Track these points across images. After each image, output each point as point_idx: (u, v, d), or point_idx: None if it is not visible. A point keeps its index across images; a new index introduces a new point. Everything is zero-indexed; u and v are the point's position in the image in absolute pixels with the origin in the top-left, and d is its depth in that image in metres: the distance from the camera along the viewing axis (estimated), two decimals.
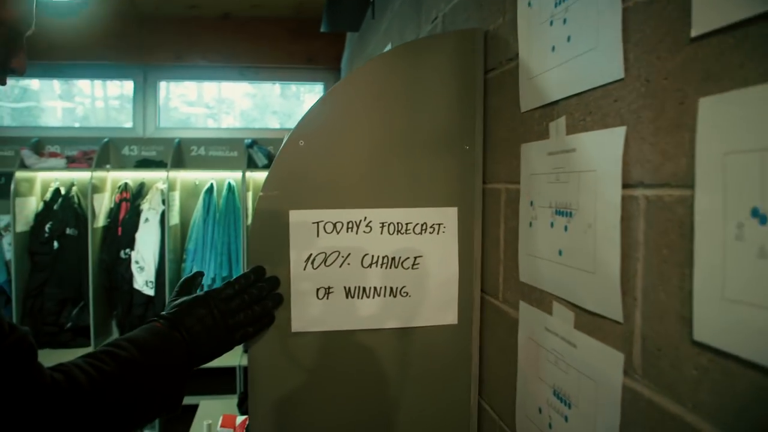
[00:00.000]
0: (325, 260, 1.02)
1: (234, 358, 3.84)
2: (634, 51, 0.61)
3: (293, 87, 5.21)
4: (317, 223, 1.01)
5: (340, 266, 1.02)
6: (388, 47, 2.26)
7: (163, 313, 0.91)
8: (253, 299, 0.95)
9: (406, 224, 1.04)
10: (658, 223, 0.57)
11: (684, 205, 0.53)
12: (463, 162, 1.06)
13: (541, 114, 0.84)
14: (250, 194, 4.19)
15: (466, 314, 1.07)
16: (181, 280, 1.04)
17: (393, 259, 1.04)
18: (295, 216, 1.00)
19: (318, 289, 1.02)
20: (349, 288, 1.03)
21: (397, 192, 1.04)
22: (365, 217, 1.03)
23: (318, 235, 1.01)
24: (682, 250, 0.53)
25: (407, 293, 1.05)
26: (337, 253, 1.02)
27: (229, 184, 4.23)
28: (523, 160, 0.90)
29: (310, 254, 1.01)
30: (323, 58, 4.79)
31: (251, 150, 4.22)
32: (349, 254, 1.02)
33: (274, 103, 5.31)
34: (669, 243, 0.55)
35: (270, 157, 4.33)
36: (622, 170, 0.62)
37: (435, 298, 1.06)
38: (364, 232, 1.03)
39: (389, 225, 1.04)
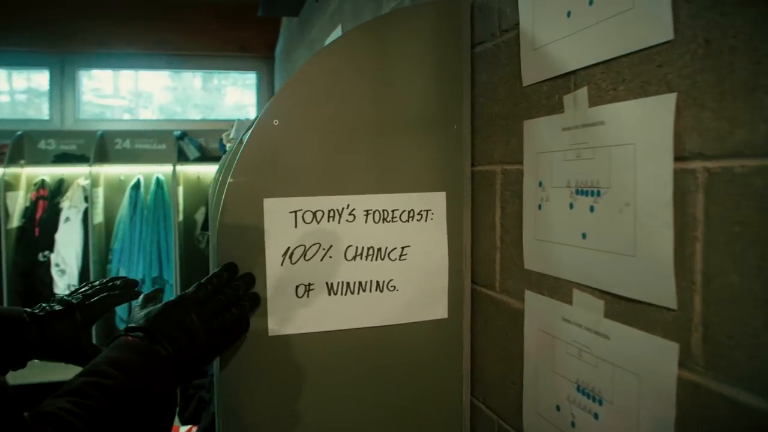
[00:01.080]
0: (304, 254, 0.90)
1: None
2: (687, 9, 0.55)
3: (215, 79, 4.92)
4: (295, 212, 0.90)
5: (321, 260, 0.91)
6: (337, 31, 2.15)
7: (134, 324, 0.77)
8: (230, 300, 0.83)
9: (392, 211, 0.95)
10: (726, 197, 0.51)
11: (763, 177, 0.47)
12: (451, 143, 0.98)
13: (551, 87, 0.77)
14: (181, 189, 3.94)
15: (456, 307, 0.99)
16: (142, 295, 0.91)
17: (379, 250, 0.94)
18: (270, 205, 0.88)
19: (297, 287, 0.90)
20: (332, 284, 0.92)
21: (382, 176, 0.94)
22: (348, 205, 0.92)
23: (296, 226, 0.90)
24: (761, 226, 0.48)
25: (395, 287, 0.95)
26: (318, 246, 0.91)
27: (158, 178, 3.95)
28: (527, 138, 0.83)
29: (288, 247, 0.89)
30: (257, 46, 4.58)
31: (182, 142, 3.96)
32: (331, 246, 0.92)
33: (195, 96, 5.01)
34: (742, 219, 0.49)
35: (202, 150, 4.08)
36: (674, 141, 0.56)
37: (424, 292, 0.97)
38: (347, 221, 0.92)
39: (374, 213, 0.94)
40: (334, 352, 0.93)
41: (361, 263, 0.93)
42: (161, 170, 3.97)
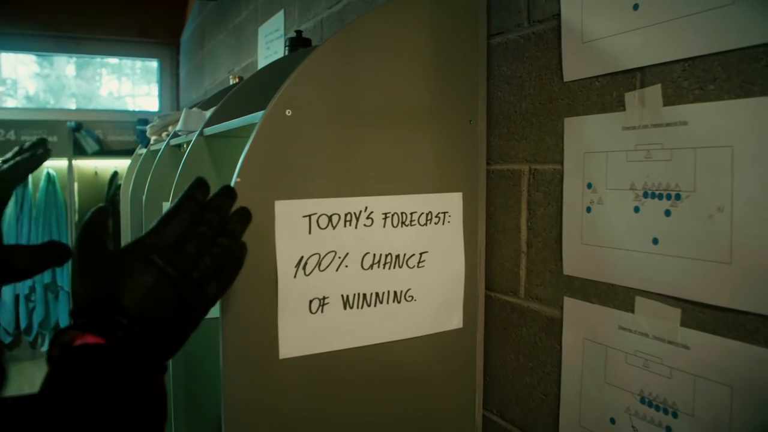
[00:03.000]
0: (318, 263, 0.79)
1: None
2: None
3: (90, 68, 4.45)
4: (309, 216, 0.78)
5: (337, 270, 0.80)
6: (279, 16, 2.00)
7: (77, 308, 0.52)
8: (215, 228, 0.59)
9: (411, 214, 0.86)
10: None
11: None
12: (467, 139, 0.91)
13: (607, 83, 0.72)
14: (76, 185, 3.52)
15: (470, 316, 0.93)
16: (79, 231, 0.58)
17: (397, 257, 0.85)
18: (282, 208, 0.76)
19: (311, 301, 0.79)
20: (347, 297, 0.82)
21: (399, 175, 0.85)
22: (366, 207, 0.82)
23: (310, 232, 0.78)
24: None
25: (412, 297, 0.87)
26: (333, 254, 0.80)
27: (49, 174, 3.49)
28: (569, 136, 0.78)
29: (301, 257, 0.78)
30: (160, 31, 4.22)
31: (78, 134, 3.53)
32: (347, 254, 0.81)
33: (71, 85, 4.50)
34: None
35: (101, 143, 3.68)
36: None
37: (441, 301, 0.89)
38: (365, 225, 0.82)
39: (393, 216, 0.84)
40: (345, 372, 0.83)
41: (378, 272, 0.84)
42: (53, 165, 3.52)
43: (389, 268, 0.84)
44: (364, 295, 0.83)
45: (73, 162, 3.45)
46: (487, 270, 0.94)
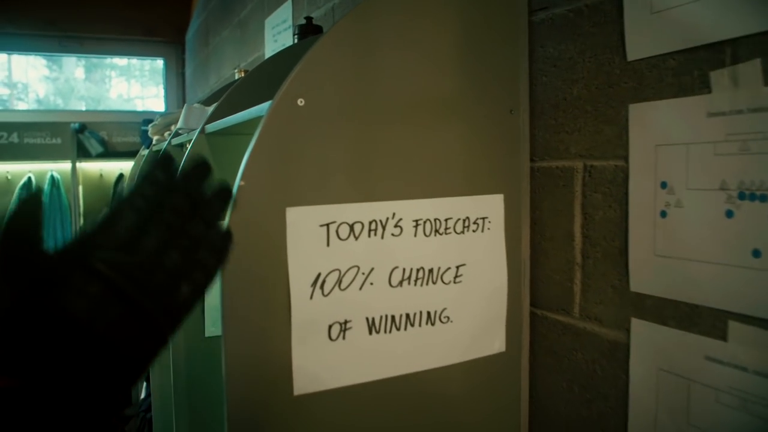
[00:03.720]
0: (339, 281, 0.67)
1: None
2: None
3: (99, 70, 4.34)
4: (327, 225, 0.66)
5: (361, 288, 0.68)
6: (286, 6, 1.88)
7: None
8: (183, 215, 0.43)
9: (446, 221, 0.73)
10: None
11: None
12: (508, 132, 0.78)
13: (686, 61, 0.59)
14: (81, 188, 3.43)
15: (514, 338, 0.80)
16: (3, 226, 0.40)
17: (430, 271, 0.73)
18: (295, 216, 0.64)
19: (331, 326, 0.67)
20: (373, 319, 0.69)
21: (432, 176, 0.73)
22: (393, 214, 0.70)
23: (329, 244, 0.66)
24: None
25: (448, 318, 0.74)
26: (356, 269, 0.68)
27: (53, 177, 3.40)
28: (636, 125, 0.65)
29: (318, 274, 0.65)
30: (165, 29, 4.12)
31: (81, 136, 3.44)
32: (373, 269, 0.69)
33: (79, 88, 4.40)
34: None
35: (105, 145, 3.58)
36: None
37: (481, 321, 0.77)
38: (393, 235, 0.70)
39: (425, 223, 0.72)
40: (371, 409, 0.71)
41: (409, 290, 0.71)
42: (57, 168, 3.43)
43: (421, 285, 0.72)
44: (393, 317, 0.71)
45: (78, 164, 3.35)
46: (532, 284, 0.81)
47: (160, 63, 4.35)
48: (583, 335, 0.74)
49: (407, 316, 0.71)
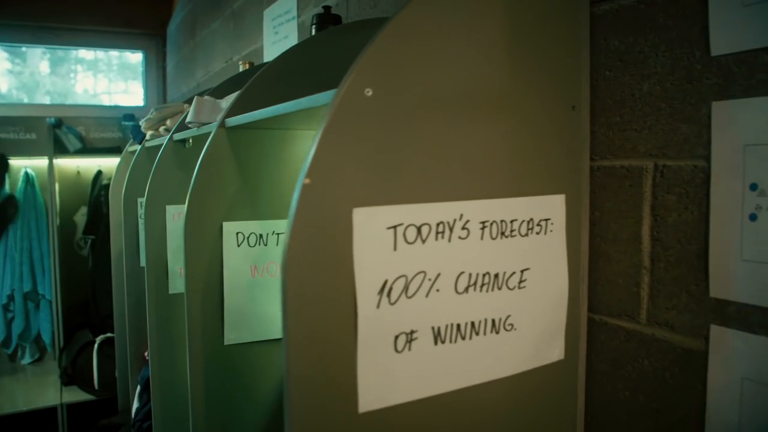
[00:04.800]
0: (405, 288, 0.62)
1: (53, 395, 2.96)
2: None
3: (65, 64, 4.16)
4: (395, 228, 0.61)
5: (427, 295, 0.63)
6: None
7: None
8: None
9: (511, 222, 0.69)
10: None
11: None
12: (569, 129, 0.74)
13: None
14: (57, 186, 3.27)
15: (572, 345, 0.76)
16: None
17: (496, 276, 0.68)
18: (362, 217, 0.58)
19: (397, 337, 0.62)
20: (439, 329, 0.65)
21: (496, 174, 0.68)
22: (461, 215, 0.65)
23: (395, 248, 0.61)
24: None
25: (512, 326, 0.70)
26: (423, 276, 0.63)
27: (27, 174, 3.24)
28: (720, 124, 0.62)
29: (385, 281, 0.60)
30: (145, 21, 3.98)
31: (59, 131, 3.28)
32: (439, 275, 0.64)
33: (45, 82, 4.21)
34: None
35: (83, 140, 3.43)
36: None
37: (542, 328, 0.73)
38: (460, 237, 0.65)
39: (491, 225, 0.67)
40: (436, 423, 0.66)
41: (474, 296, 0.67)
42: (31, 164, 3.27)
43: (487, 291, 0.68)
44: (459, 325, 0.66)
45: (54, 161, 3.20)
46: (590, 289, 0.77)
47: (131, 58, 4.18)
48: (651, 342, 0.70)
49: (472, 324, 0.67)
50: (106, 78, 4.33)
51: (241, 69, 1.60)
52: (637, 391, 0.72)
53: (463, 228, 0.65)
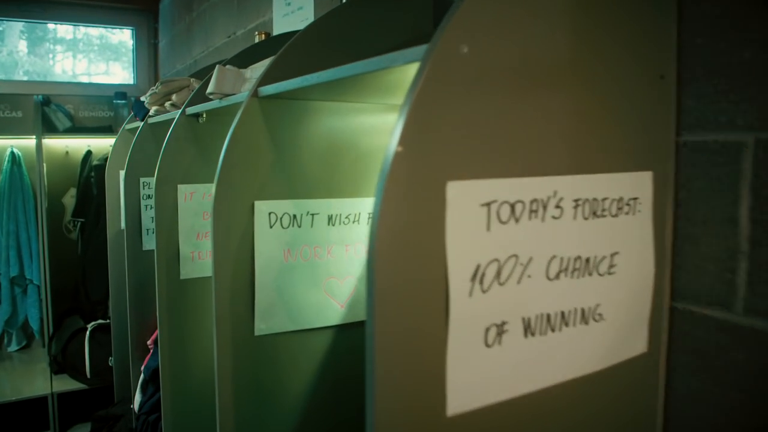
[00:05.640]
0: (498, 274, 0.55)
1: (43, 384, 2.85)
2: None
3: (44, 44, 3.97)
4: (488, 204, 0.53)
5: (519, 282, 0.56)
6: None
7: None
8: None
9: (602, 201, 0.62)
10: None
11: None
12: (656, 100, 0.68)
13: None
14: (45, 167, 3.13)
15: (655, 336, 0.70)
16: None
17: (587, 261, 0.61)
18: (456, 191, 0.51)
19: (488, 329, 0.55)
20: (529, 320, 0.58)
21: (587, 147, 0.61)
22: (555, 192, 0.58)
23: (489, 228, 0.54)
24: None
25: (601, 315, 0.64)
26: (515, 260, 0.56)
27: (13, 153, 3.09)
28: None
29: (478, 265, 0.53)
30: None
31: (47, 109, 3.14)
32: (531, 259, 0.57)
33: (24, 62, 4.02)
34: None
35: (73, 119, 3.29)
36: None
37: (628, 318, 0.67)
38: (553, 217, 0.58)
39: (584, 204, 0.61)
40: (526, 424, 0.59)
41: (565, 283, 0.60)
42: (18, 144, 3.12)
43: (578, 277, 0.61)
44: (549, 316, 0.59)
45: (43, 140, 3.06)
46: (672, 274, 0.71)
47: (112, 38, 4.00)
48: (747, 334, 0.64)
49: (562, 314, 0.60)
50: (86, 59, 4.15)
51: (256, 40, 1.50)
52: (729, 386, 0.67)
53: (557, 206, 0.58)
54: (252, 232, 0.94)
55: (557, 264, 0.59)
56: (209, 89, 1.11)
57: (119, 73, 3.96)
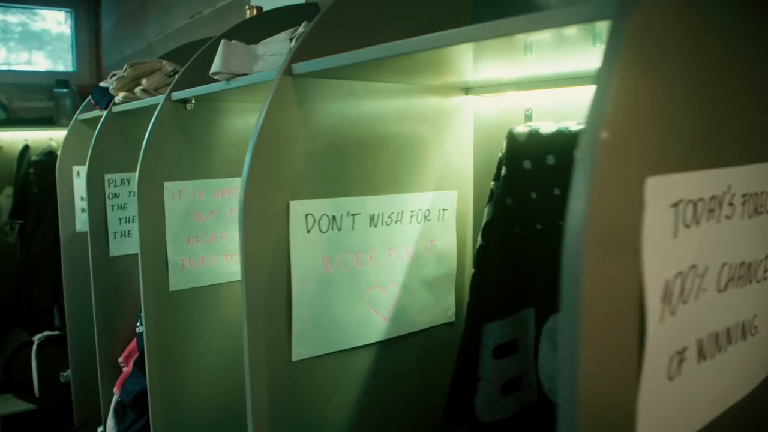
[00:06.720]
0: (681, 290, 0.44)
1: None
2: None
3: None
4: (677, 204, 0.43)
5: (696, 298, 0.46)
6: None
7: None
8: None
9: (760, 194, 0.53)
10: None
11: None
12: None
13: None
14: None
15: None
16: None
17: (749, 266, 0.52)
18: (655, 189, 0.40)
19: (672, 358, 0.44)
20: (702, 342, 0.48)
21: (748, 131, 0.52)
22: (729, 187, 0.48)
23: (676, 234, 0.43)
24: None
25: (756, 328, 0.55)
26: (694, 271, 0.46)
27: None
28: None
29: (666, 281, 0.42)
30: None
31: None
32: (707, 269, 0.47)
33: None
34: None
35: (7, 110, 2.95)
36: None
37: None
38: (726, 217, 0.48)
39: (750, 199, 0.51)
40: None
41: (731, 295, 0.50)
42: None
43: (741, 287, 0.51)
44: (717, 334, 0.49)
45: None
46: None
47: (35, 25, 3.64)
48: None
49: (727, 331, 0.51)
50: (5, 47, 3.74)
51: (248, 15, 1.33)
52: None
53: (730, 204, 0.48)
54: (287, 239, 0.79)
55: (727, 272, 0.49)
56: (214, 68, 0.95)
57: (44, 63, 3.58)
